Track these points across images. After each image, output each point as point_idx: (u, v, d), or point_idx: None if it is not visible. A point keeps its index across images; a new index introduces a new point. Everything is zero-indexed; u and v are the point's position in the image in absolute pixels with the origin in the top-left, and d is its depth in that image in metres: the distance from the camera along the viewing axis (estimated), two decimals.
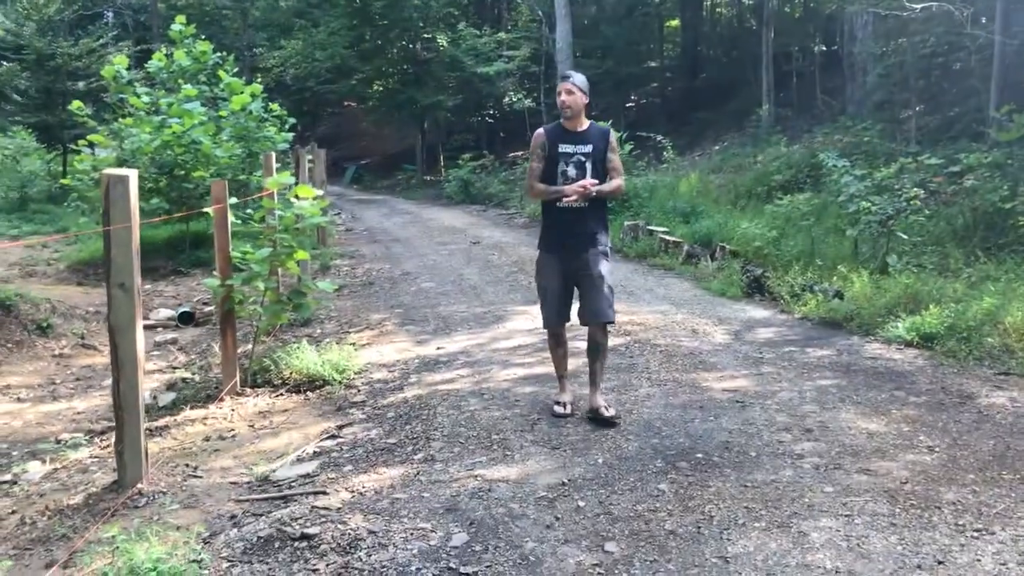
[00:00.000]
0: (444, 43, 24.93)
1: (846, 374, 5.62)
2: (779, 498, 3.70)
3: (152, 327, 8.48)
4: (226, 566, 3.32)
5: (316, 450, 4.62)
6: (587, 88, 4.82)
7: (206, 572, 3.28)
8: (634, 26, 25.75)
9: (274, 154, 7.81)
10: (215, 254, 5.99)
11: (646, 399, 5.15)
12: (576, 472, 4.05)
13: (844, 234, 9.32)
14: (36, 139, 18.18)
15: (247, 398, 5.76)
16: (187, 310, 8.67)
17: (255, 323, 6.42)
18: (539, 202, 5.04)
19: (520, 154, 24.13)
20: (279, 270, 6.70)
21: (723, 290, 8.55)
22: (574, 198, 4.64)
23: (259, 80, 14.19)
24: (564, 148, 4.76)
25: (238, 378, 5.92)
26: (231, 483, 4.29)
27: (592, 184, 4.67)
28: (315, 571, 3.24)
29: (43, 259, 11.83)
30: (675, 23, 29.43)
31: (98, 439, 5.34)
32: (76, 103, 11.78)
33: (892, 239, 8.49)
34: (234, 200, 6.17)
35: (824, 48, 23.28)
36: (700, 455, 4.22)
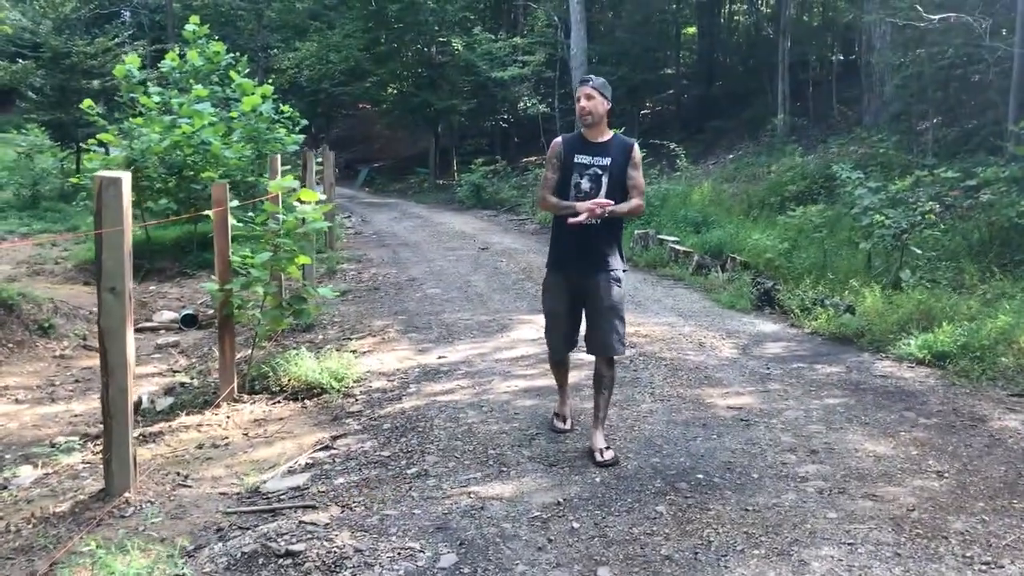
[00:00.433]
0: (459, 47, 24.88)
1: (855, 393, 5.48)
2: (780, 523, 3.57)
3: (154, 329, 8.43)
4: None
5: (309, 461, 4.52)
6: (609, 93, 4.42)
7: None
8: (650, 33, 25.60)
9: (279, 156, 7.73)
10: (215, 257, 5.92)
11: (648, 415, 5.03)
12: (572, 491, 3.94)
13: (857, 247, 9.17)
14: (50, 137, 18.20)
15: (244, 405, 5.67)
16: (190, 312, 8.60)
17: (254, 329, 6.34)
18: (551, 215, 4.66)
19: (534, 159, 24.07)
20: (281, 275, 6.63)
21: (732, 302, 8.42)
22: (583, 218, 4.20)
23: (271, 81, 14.13)
24: (580, 159, 4.38)
25: (235, 384, 5.83)
26: (220, 494, 4.20)
27: (605, 205, 4.21)
28: None
29: (52, 257, 11.82)
30: (692, 30, 29.28)
31: (92, 443, 5.26)
32: (87, 101, 11.78)
33: (906, 253, 8.33)
34: (236, 203, 6.09)
35: (842, 57, 23.10)
36: (701, 476, 4.10)
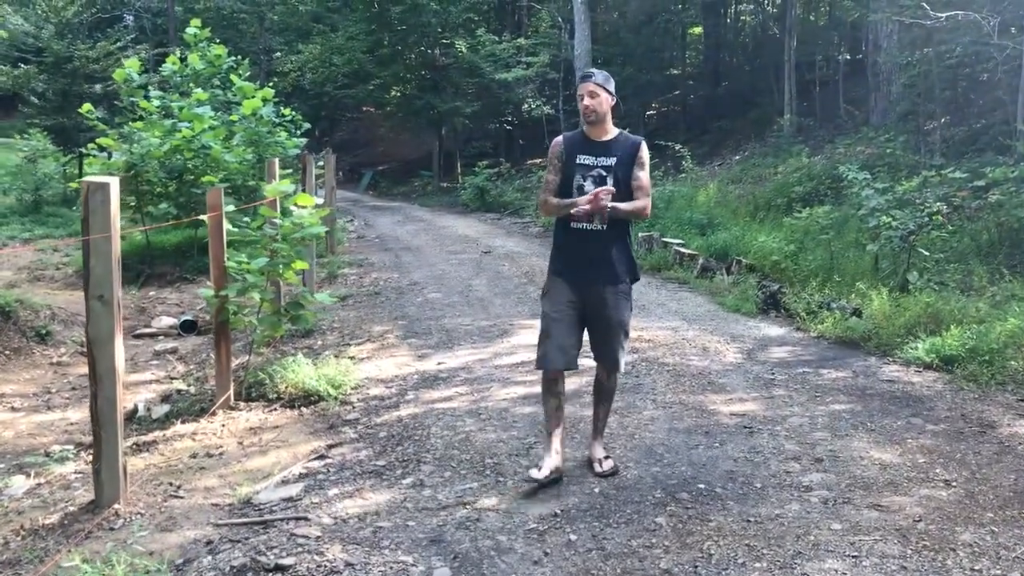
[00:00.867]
0: (463, 49, 24.80)
1: (861, 398, 5.37)
2: (783, 535, 3.47)
3: (153, 335, 8.36)
4: None
5: (303, 471, 4.44)
6: (612, 87, 4.10)
7: None
8: (655, 33, 25.46)
9: (277, 160, 7.65)
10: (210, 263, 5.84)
11: (649, 423, 4.93)
12: (570, 502, 3.84)
13: (864, 249, 9.04)
14: (52, 142, 18.13)
15: (240, 412, 5.59)
16: (189, 318, 8.52)
17: (251, 335, 6.26)
18: (554, 218, 4.29)
19: (538, 161, 23.94)
20: (279, 280, 6.55)
21: (738, 306, 8.31)
22: (586, 207, 3.89)
23: (273, 84, 14.06)
24: (583, 159, 4.08)
25: (232, 391, 5.76)
26: (212, 505, 4.12)
27: (607, 192, 3.91)
28: None
29: (53, 263, 11.75)
30: (697, 30, 29.12)
31: (85, 452, 5.18)
32: (86, 106, 11.71)
33: (913, 255, 8.21)
34: (231, 207, 6.01)
35: (848, 57, 22.93)
36: (702, 485, 4.01)
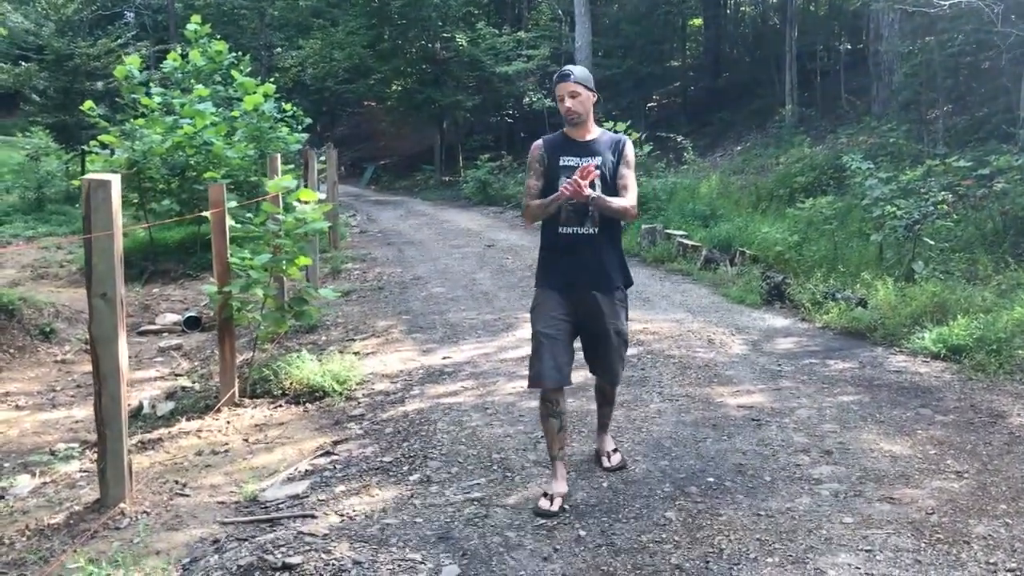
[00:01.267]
0: (463, 43, 24.71)
1: (869, 389, 5.34)
2: (794, 529, 3.45)
3: (157, 332, 8.34)
4: None
5: (309, 468, 4.42)
6: (592, 83, 3.84)
7: None
8: (655, 25, 25.37)
9: (279, 156, 7.62)
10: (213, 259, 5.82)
11: (656, 416, 4.90)
12: (579, 497, 3.82)
13: (868, 239, 8.99)
14: (54, 139, 18.11)
15: (245, 409, 5.58)
16: (193, 315, 8.50)
17: (255, 331, 6.24)
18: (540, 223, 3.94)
19: None
20: (283, 276, 6.53)
21: (742, 297, 8.27)
22: (570, 190, 3.53)
23: (274, 80, 14.02)
24: (566, 161, 3.81)
25: (236, 388, 5.74)
26: (219, 503, 4.11)
27: (591, 170, 3.61)
28: None
29: (56, 261, 11.74)
30: (698, 22, 29.03)
31: (90, 451, 5.16)
32: (87, 103, 11.67)
33: (918, 245, 8.17)
34: (233, 203, 5.99)
35: (849, 47, 22.84)
36: (711, 479, 3.98)
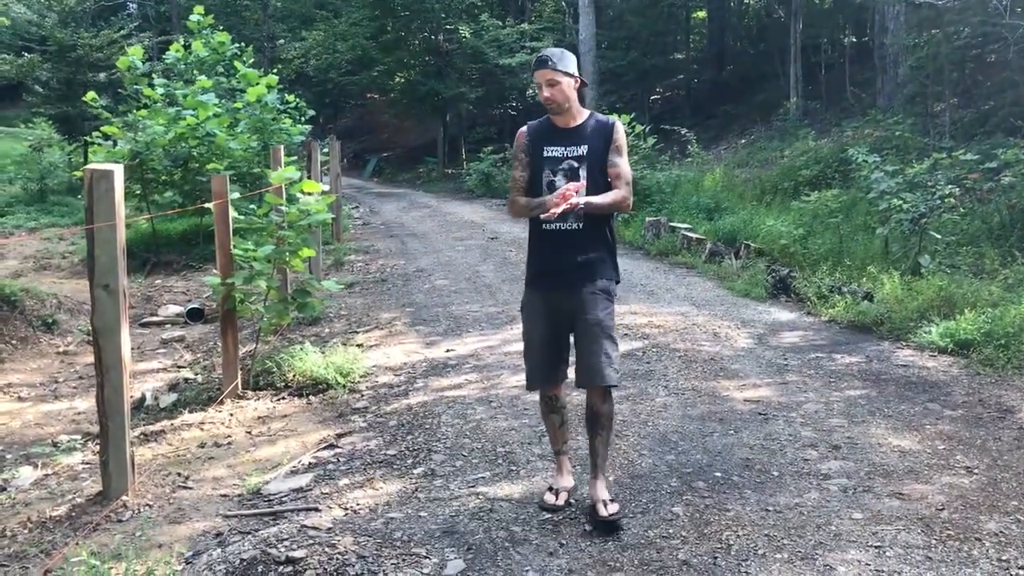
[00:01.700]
0: (466, 34, 24.63)
1: (876, 384, 5.30)
2: (803, 525, 3.41)
3: (160, 324, 8.31)
4: None
5: (312, 460, 4.39)
6: (573, 66, 3.54)
7: None
8: (660, 17, 25.26)
9: (282, 147, 7.57)
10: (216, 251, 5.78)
11: (662, 410, 4.87)
12: (585, 491, 3.78)
13: (874, 233, 8.96)
14: (57, 131, 18.06)
15: (248, 401, 5.55)
16: (196, 306, 8.47)
17: (258, 323, 6.21)
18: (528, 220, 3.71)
19: None
20: (286, 268, 6.49)
21: (747, 290, 8.23)
22: (559, 210, 3.34)
23: (276, 71, 13.95)
24: (551, 151, 3.56)
25: (239, 380, 5.71)
26: (222, 495, 4.08)
27: (575, 189, 3.41)
28: None
29: (59, 252, 11.70)
30: (702, 14, 28.90)
31: (92, 443, 5.14)
32: (90, 94, 11.63)
33: (925, 238, 8.12)
34: (236, 195, 5.95)
35: (854, 40, 22.73)
36: (719, 474, 3.94)
